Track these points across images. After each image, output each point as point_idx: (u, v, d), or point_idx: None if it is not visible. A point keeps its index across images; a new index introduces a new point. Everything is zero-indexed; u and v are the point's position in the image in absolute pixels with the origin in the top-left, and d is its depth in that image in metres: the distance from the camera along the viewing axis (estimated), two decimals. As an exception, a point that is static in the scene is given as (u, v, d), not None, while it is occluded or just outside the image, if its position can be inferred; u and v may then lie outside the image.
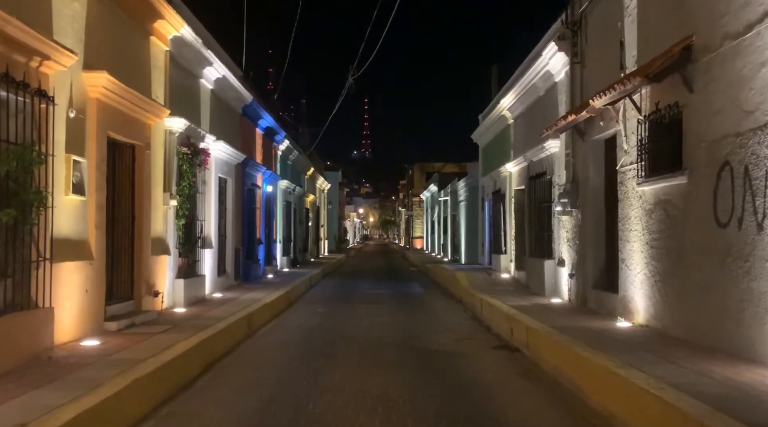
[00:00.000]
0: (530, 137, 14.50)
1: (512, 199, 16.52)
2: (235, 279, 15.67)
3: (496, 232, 18.35)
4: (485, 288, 14.45)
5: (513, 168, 16.34)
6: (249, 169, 17.08)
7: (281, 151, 23.20)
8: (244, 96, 16.04)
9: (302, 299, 15.95)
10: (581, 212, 10.96)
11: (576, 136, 11.10)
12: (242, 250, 16.48)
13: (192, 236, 11.87)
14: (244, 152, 16.43)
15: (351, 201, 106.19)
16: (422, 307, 14.35)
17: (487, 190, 20.32)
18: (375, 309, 13.60)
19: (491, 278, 16.47)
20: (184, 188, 11.14)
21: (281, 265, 22.80)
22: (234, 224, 15.61)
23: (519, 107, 15.72)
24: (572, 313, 10.21)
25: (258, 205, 18.61)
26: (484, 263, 20.86)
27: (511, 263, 16.72)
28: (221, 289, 14.03)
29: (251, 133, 18.30)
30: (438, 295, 16.98)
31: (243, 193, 16.77)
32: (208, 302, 11.97)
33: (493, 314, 11.25)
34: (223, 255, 14.95)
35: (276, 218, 22.33)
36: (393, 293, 17.49)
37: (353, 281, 21.59)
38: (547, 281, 12.54)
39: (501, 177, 17.82)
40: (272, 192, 20.96)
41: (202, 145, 12.30)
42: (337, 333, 10.43)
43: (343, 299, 15.87)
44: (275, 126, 20.77)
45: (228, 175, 15.06)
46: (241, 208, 16.62)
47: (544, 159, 13.12)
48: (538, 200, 13.56)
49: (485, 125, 20.70)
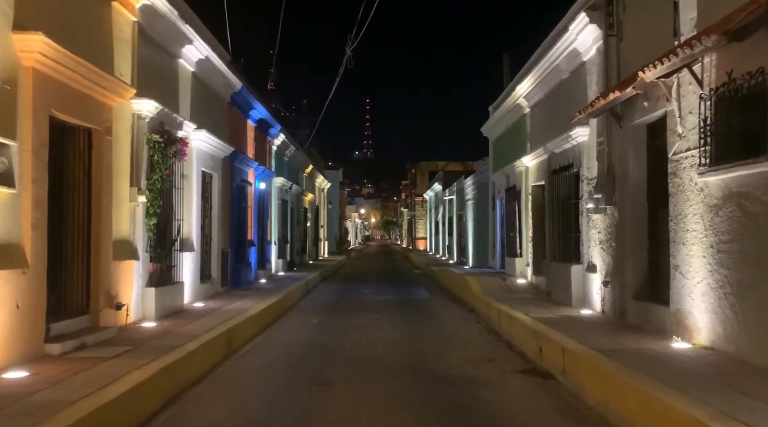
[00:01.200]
0: (551, 126, 12.94)
1: (529, 197, 14.96)
2: (222, 285, 14.12)
3: (510, 233, 16.79)
4: (501, 296, 12.89)
5: (530, 162, 14.77)
6: (238, 163, 15.53)
7: (276, 147, 21.64)
8: (233, 82, 14.50)
9: (296, 307, 14.39)
10: (618, 210, 9.39)
11: (611, 121, 9.53)
12: (230, 253, 14.93)
13: (167, 238, 10.31)
14: (233, 145, 14.88)
15: (352, 201, 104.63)
16: (430, 317, 12.78)
17: (499, 187, 18.74)
18: (377, 320, 12.04)
19: (506, 283, 14.90)
20: (155, 182, 9.58)
21: (276, 268, 21.24)
22: (221, 223, 14.06)
23: (537, 94, 14.15)
24: (611, 329, 8.64)
25: (250, 203, 17.06)
26: (496, 267, 19.27)
27: (528, 267, 15.14)
28: (204, 297, 12.48)
29: (241, 124, 16.75)
30: (446, 302, 15.42)
31: (231, 189, 15.22)
32: (186, 313, 10.41)
33: (515, 327, 9.69)
34: (208, 259, 13.40)
35: (270, 217, 20.78)
36: (396, 299, 15.93)
37: (353, 286, 20.03)
38: (575, 289, 10.97)
39: (515, 172, 16.25)
40: (266, 190, 19.40)
41: (180, 133, 10.75)
42: (333, 352, 8.87)
43: (342, 307, 14.31)
44: (269, 118, 19.21)
45: (213, 169, 13.50)
46: (230, 207, 15.08)
47: (569, 150, 11.55)
48: (561, 197, 12.00)
49: (496, 117, 19.13)
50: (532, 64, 14.44)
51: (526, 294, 13.26)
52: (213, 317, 9.96)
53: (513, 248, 16.48)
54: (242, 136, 16.71)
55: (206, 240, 13.33)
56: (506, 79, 19.67)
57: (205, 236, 13.28)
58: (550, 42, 12.81)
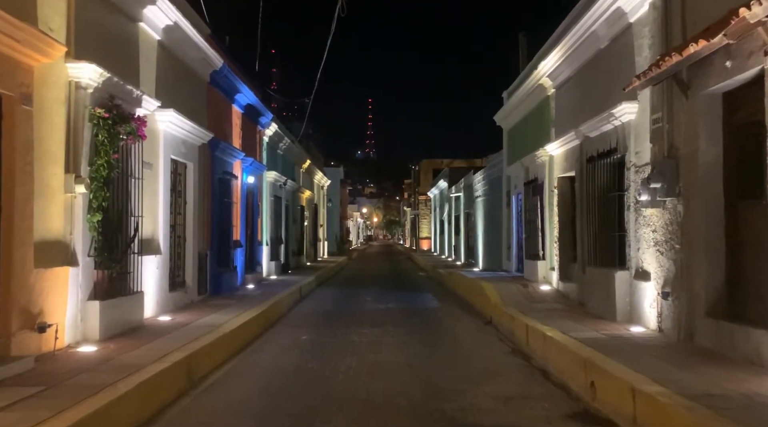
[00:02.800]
0: (584, 106, 10.98)
1: (554, 191, 12.99)
2: (199, 293, 12.18)
3: (530, 232, 14.81)
4: (524, 306, 10.93)
5: (555, 150, 12.80)
6: (220, 153, 13.59)
7: (268, 138, 19.68)
8: (212, 59, 12.55)
9: (285, 318, 12.43)
10: (683, 202, 7.43)
11: (673, 91, 7.57)
12: (211, 255, 12.99)
13: (120, 238, 8.38)
14: (214, 132, 12.95)
15: (354, 201, 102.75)
16: (441, 332, 10.82)
17: (515, 181, 16.77)
18: (379, 337, 10.09)
19: (527, 290, 12.94)
20: (100, 169, 7.64)
21: (268, 271, 19.29)
22: (198, 222, 12.12)
23: (565, 70, 12.18)
24: (682, 356, 6.68)
25: (235, 199, 15.12)
26: (511, 270, 17.29)
27: (553, 272, 13.17)
28: (174, 308, 10.54)
29: (225, 109, 14.81)
30: (458, 312, 13.45)
31: (212, 183, 13.28)
32: (144, 331, 8.47)
33: (551, 350, 7.74)
34: (180, 263, 11.46)
35: (262, 215, 18.84)
36: (401, 308, 13.97)
37: (353, 291, 18.06)
38: (619, 301, 9.01)
39: (536, 163, 14.29)
40: (255, 184, 17.46)
41: (139, 111, 8.82)
42: (324, 385, 6.92)
43: (339, 318, 12.35)
44: (259, 105, 17.26)
45: (187, 157, 11.56)
46: (210, 203, 13.14)
47: (610, 132, 9.59)
48: (599, 189, 10.03)
49: (512, 103, 17.16)
50: (558, 37, 12.48)
51: (553, 304, 11.29)
52: (176, 337, 8.03)
53: (534, 250, 14.50)
54: (226, 123, 14.77)
55: (178, 241, 11.39)
56: (522, 61, 17.72)
57: (176, 236, 11.34)
58: (584, 6, 10.85)
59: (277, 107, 31.68)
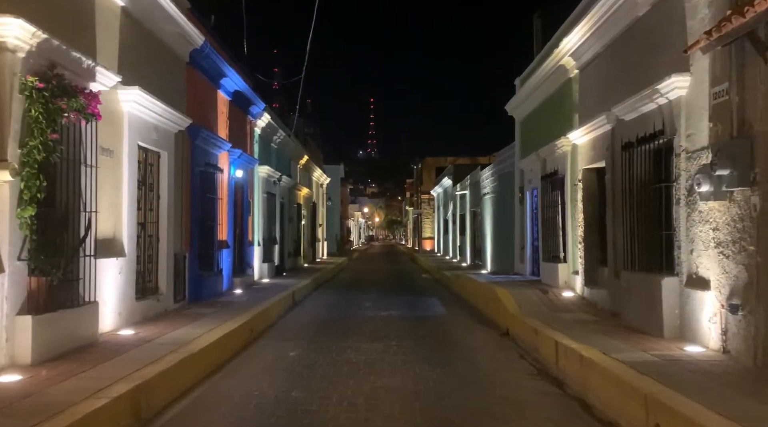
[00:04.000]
0: (618, 85, 9.50)
1: (578, 184, 11.49)
2: (175, 300, 10.71)
3: (548, 232, 13.31)
4: (548, 317, 9.46)
5: (580, 138, 11.32)
6: (202, 142, 12.13)
7: (260, 129, 18.19)
8: (191, 35, 11.08)
9: (273, 329, 10.97)
10: (761, 193, 5.95)
11: (747, 53, 6.09)
12: (190, 257, 11.53)
13: (66, 238, 6.92)
14: (195, 118, 11.49)
15: (356, 200, 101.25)
16: (452, 347, 9.34)
17: (530, 175, 15.27)
18: (379, 353, 8.62)
19: (547, 297, 11.45)
20: (33, 152, 6.17)
21: (261, 274, 17.82)
22: (173, 219, 10.66)
23: (593, 46, 10.68)
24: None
25: (221, 195, 13.65)
26: (525, 273, 15.79)
27: (576, 277, 11.67)
28: (142, 320, 9.08)
29: (209, 95, 13.34)
30: (469, 321, 11.98)
31: (192, 175, 11.82)
32: (95, 350, 7.00)
33: (592, 376, 6.26)
34: (152, 266, 10.00)
35: (253, 213, 17.38)
36: (405, 316, 12.50)
37: (352, 296, 16.58)
38: (667, 313, 7.52)
39: (556, 154, 12.79)
40: (245, 179, 15.99)
41: (93, 86, 7.37)
42: (310, 425, 5.45)
43: (334, 328, 10.88)
44: (248, 92, 15.78)
45: (160, 145, 10.10)
46: (190, 198, 11.68)
47: (653, 113, 8.10)
48: (639, 181, 8.55)
49: (526, 90, 15.66)
50: (584, 9, 10.98)
51: (580, 314, 9.81)
52: (131, 358, 6.57)
53: (553, 251, 13.00)
54: (210, 110, 13.30)
55: (149, 241, 9.92)
56: (537, 45, 16.23)
57: (147, 235, 9.88)
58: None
59: (278, 107, 30.22)
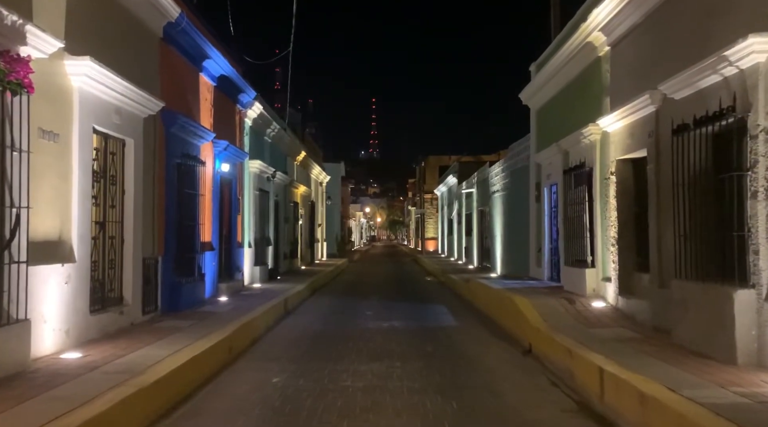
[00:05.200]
0: (663, 59, 8.01)
1: (610, 178, 9.99)
2: (144, 312, 9.24)
3: (572, 232, 11.80)
4: (580, 332, 7.97)
5: (612, 124, 9.82)
6: (179, 130, 10.64)
7: (251, 121, 16.69)
8: (163, 5, 9.59)
9: (258, 346, 9.48)
10: None
11: None
12: (164, 261, 10.06)
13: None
14: (170, 102, 10.04)
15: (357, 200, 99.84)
16: (468, 369, 7.84)
17: (549, 169, 13.77)
18: (381, 378, 7.14)
19: (575, 308, 9.95)
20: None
21: (252, 279, 16.34)
22: (142, 217, 9.19)
23: (631, 16, 9.17)
24: None
25: (204, 190, 12.16)
26: (543, 278, 14.28)
27: (608, 284, 10.16)
28: (98, 336, 7.60)
29: (189, 78, 11.85)
30: (483, 334, 10.49)
31: (167, 168, 10.34)
32: (19, 382, 5.53)
33: (659, 422, 4.77)
34: (114, 272, 8.52)
35: (243, 212, 15.90)
36: (410, 328, 11.01)
37: (351, 303, 15.10)
38: (742, 334, 6.02)
39: (581, 145, 11.30)
40: (233, 174, 14.52)
41: (23, 50, 5.90)
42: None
43: (328, 344, 9.40)
44: (236, 78, 14.30)
45: (125, 131, 8.62)
46: (164, 193, 10.21)
47: (716, 87, 6.60)
48: (698, 170, 7.04)
49: (544, 76, 14.16)
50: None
51: (618, 330, 8.31)
52: (61, 396, 5.09)
53: (578, 254, 11.49)
54: (190, 95, 11.81)
55: (110, 243, 8.45)
56: (554, 25, 14.72)
57: (108, 237, 8.41)
58: None
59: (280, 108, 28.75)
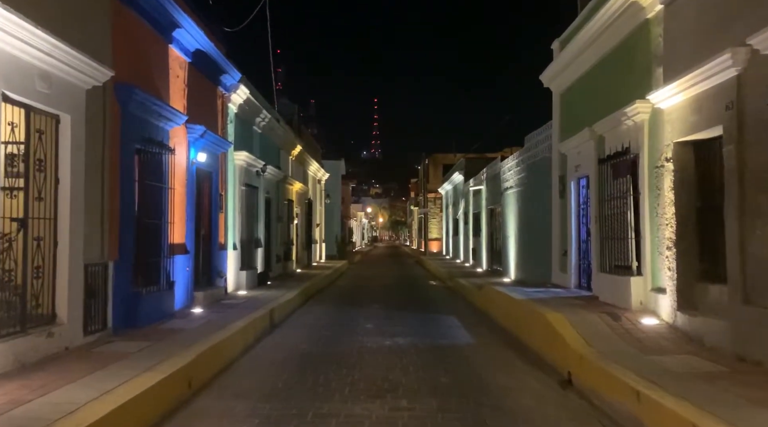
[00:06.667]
0: (747, 8, 6.16)
1: (664, 165, 8.12)
2: (87, 332, 7.40)
3: (611, 232, 9.92)
4: (640, 362, 6.12)
5: (669, 98, 7.95)
6: (139, 109, 8.79)
7: (236, 107, 14.81)
8: (113, -50, 7.77)
9: (228, 374, 7.60)
10: None
11: None
12: (117, 267, 8.22)
13: None
14: (126, 74, 8.22)
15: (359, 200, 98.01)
16: (497, 411, 5.96)
17: (578, 159, 11.89)
18: (381, 426, 5.30)
19: (622, 326, 8.08)
20: None
21: (237, 285, 14.49)
22: (83, 213, 7.35)
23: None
24: None
25: (174, 183, 10.29)
26: (569, 286, 12.39)
27: (661, 297, 8.28)
28: (12, 368, 5.76)
29: (154, 49, 10.00)
30: (507, 355, 8.63)
31: (123, 154, 8.50)
32: None
33: None
34: (42, 283, 6.67)
35: (227, 209, 14.05)
36: (418, 347, 9.14)
37: (348, 314, 13.24)
38: None
39: (624, 127, 9.43)
40: (214, 166, 12.68)
41: None
42: None
43: (315, 372, 7.54)
44: (218, 56, 12.43)
45: (57, 105, 6.78)
46: (118, 185, 8.37)
47: None
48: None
49: (570, 52, 12.26)
50: None
51: (690, 359, 6.44)
52: None
53: (619, 259, 9.61)
54: (155, 69, 9.96)
55: (34, 246, 6.60)
56: None
57: (34, 238, 6.56)
58: None
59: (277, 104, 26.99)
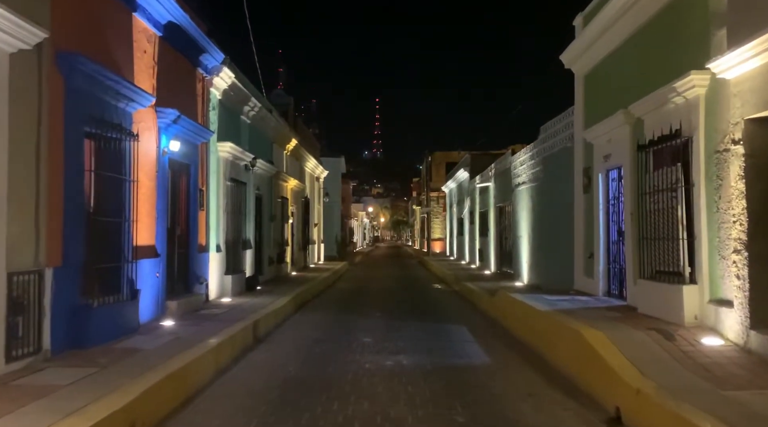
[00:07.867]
0: None
1: (729, 150, 6.61)
2: (13, 357, 5.92)
3: (653, 232, 8.38)
4: (720, 404, 4.62)
5: (736, 67, 6.43)
6: (89, 83, 7.29)
7: (219, 92, 13.28)
8: None
9: (191, 408, 6.08)
10: None
11: None
12: (60, 275, 6.73)
13: None
14: (72, 40, 6.74)
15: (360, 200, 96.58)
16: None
17: (607, 148, 10.38)
18: None
19: (678, 348, 6.57)
20: None
21: (221, 291, 12.99)
22: (10, 210, 5.86)
23: None
24: None
25: (139, 176, 8.80)
26: (598, 293, 10.88)
27: (726, 311, 6.76)
28: None
29: (112, 15, 8.48)
30: (530, 377, 7.13)
31: (68, 137, 7.00)
32: None
33: None
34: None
35: (208, 207, 12.56)
36: (424, 368, 7.64)
37: (344, 324, 11.73)
38: None
39: (672, 106, 7.92)
40: (192, 157, 11.19)
41: None
42: None
43: (299, 408, 6.05)
44: (194, 31, 10.91)
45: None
46: (61, 174, 6.88)
47: None
48: None
49: (599, 25, 10.71)
50: None
51: (780, 394, 4.94)
52: None
53: (666, 264, 8.07)
54: (113, 39, 8.44)
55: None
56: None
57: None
58: None
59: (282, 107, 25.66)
